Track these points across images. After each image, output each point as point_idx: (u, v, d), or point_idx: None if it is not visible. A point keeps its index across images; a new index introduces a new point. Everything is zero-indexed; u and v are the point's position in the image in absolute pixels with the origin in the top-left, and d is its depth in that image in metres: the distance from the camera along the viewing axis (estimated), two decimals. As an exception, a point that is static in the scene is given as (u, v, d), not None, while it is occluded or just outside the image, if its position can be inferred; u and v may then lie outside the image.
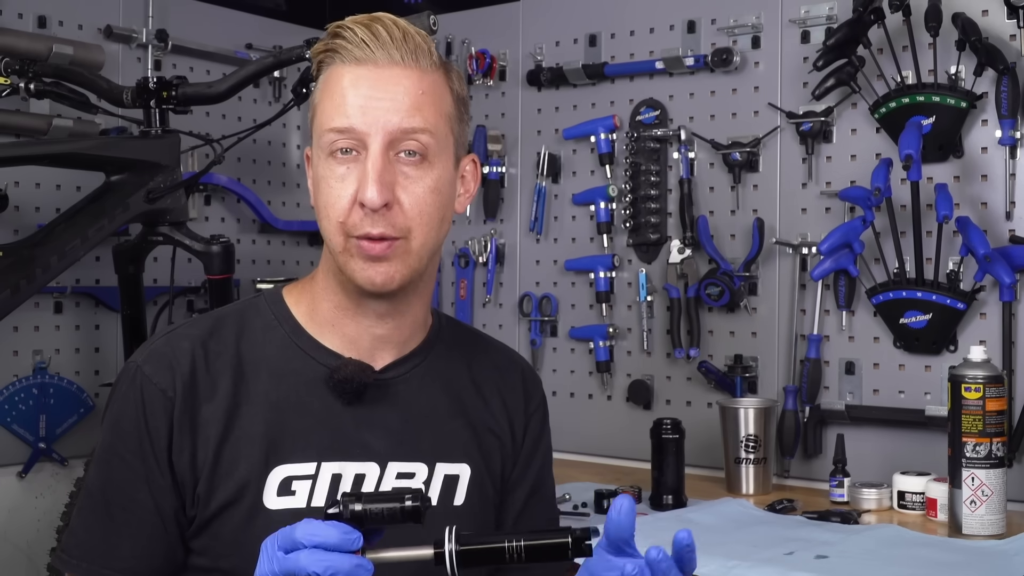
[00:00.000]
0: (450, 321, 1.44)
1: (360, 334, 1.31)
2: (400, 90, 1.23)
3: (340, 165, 1.23)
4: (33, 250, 2.06)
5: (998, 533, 1.79)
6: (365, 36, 1.24)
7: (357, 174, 1.23)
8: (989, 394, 1.79)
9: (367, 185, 1.21)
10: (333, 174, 1.24)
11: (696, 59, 2.43)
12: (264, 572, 1.04)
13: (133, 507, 1.23)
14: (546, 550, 1.05)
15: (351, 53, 1.24)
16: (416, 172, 1.24)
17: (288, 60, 2.20)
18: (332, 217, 1.24)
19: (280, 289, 1.37)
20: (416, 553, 1.06)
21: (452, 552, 1.04)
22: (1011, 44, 2.06)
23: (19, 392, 2.42)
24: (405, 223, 1.24)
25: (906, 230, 2.14)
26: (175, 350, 1.26)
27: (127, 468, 1.23)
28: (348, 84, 1.23)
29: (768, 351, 2.36)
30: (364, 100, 1.23)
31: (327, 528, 1.03)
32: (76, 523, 1.25)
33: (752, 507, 2.03)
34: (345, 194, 1.23)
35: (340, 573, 1.01)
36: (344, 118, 1.23)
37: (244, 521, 1.24)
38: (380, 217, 1.22)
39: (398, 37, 1.24)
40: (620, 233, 2.57)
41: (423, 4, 2.71)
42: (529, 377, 1.46)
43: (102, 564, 1.23)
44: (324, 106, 1.25)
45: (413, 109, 1.24)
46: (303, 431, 1.27)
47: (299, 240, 2.97)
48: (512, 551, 1.05)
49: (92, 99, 2.28)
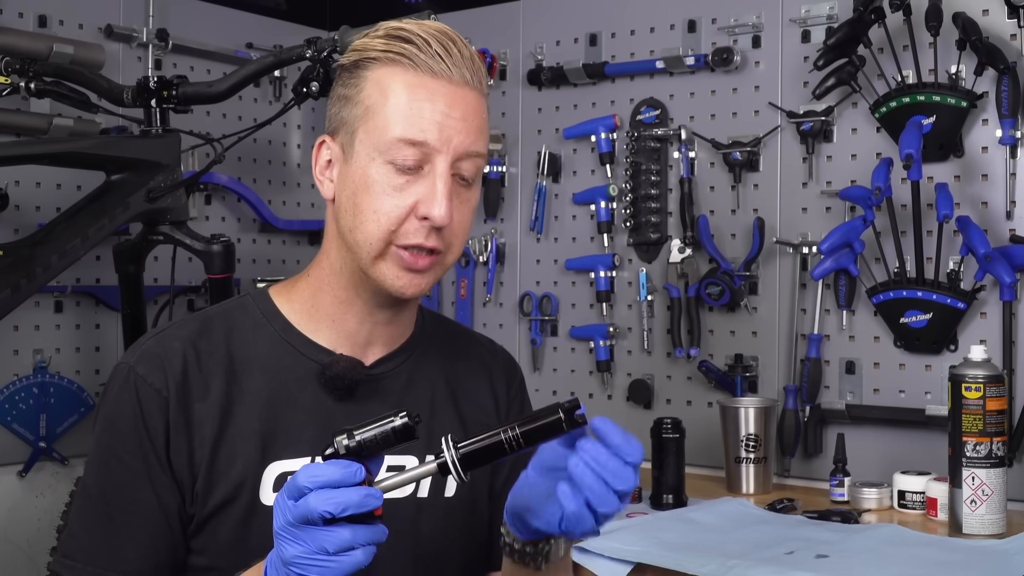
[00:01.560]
0: (432, 316, 1.46)
1: (359, 328, 1.32)
2: (471, 111, 1.24)
3: (400, 175, 1.23)
4: (33, 249, 2.06)
5: (998, 533, 1.79)
6: (440, 50, 1.23)
7: (421, 188, 1.22)
8: (989, 393, 1.79)
9: (436, 202, 1.21)
10: (391, 182, 1.23)
11: (696, 58, 2.43)
12: (279, 524, 1.04)
13: (134, 507, 1.23)
14: (542, 430, 1.08)
15: (426, 63, 1.23)
16: (465, 193, 1.26)
17: (288, 60, 2.21)
18: (382, 224, 1.23)
19: (266, 289, 1.37)
20: (421, 470, 1.08)
21: (454, 459, 1.07)
22: (1011, 44, 2.06)
23: (19, 391, 2.42)
24: (450, 240, 1.26)
25: (906, 230, 2.14)
26: (166, 350, 1.27)
27: (126, 469, 1.23)
28: (425, 96, 1.22)
29: (768, 351, 2.36)
30: (441, 117, 1.22)
31: (327, 467, 1.03)
32: (76, 526, 1.25)
33: (752, 506, 2.03)
34: (403, 204, 1.22)
35: (351, 507, 1.01)
36: (419, 132, 1.22)
37: (242, 519, 1.24)
38: (436, 233, 1.23)
39: (467, 56, 1.25)
40: (620, 232, 2.57)
41: (424, 4, 2.71)
42: (509, 363, 1.50)
43: (106, 567, 1.22)
44: (390, 110, 1.23)
45: (478, 132, 1.25)
46: (296, 427, 1.28)
47: (299, 239, 2.97)
48: (510, 441, 1.07)
49: (92, 98, 2.28)
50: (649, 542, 1.72)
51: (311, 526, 1.02)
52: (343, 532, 1.01)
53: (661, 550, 1.67)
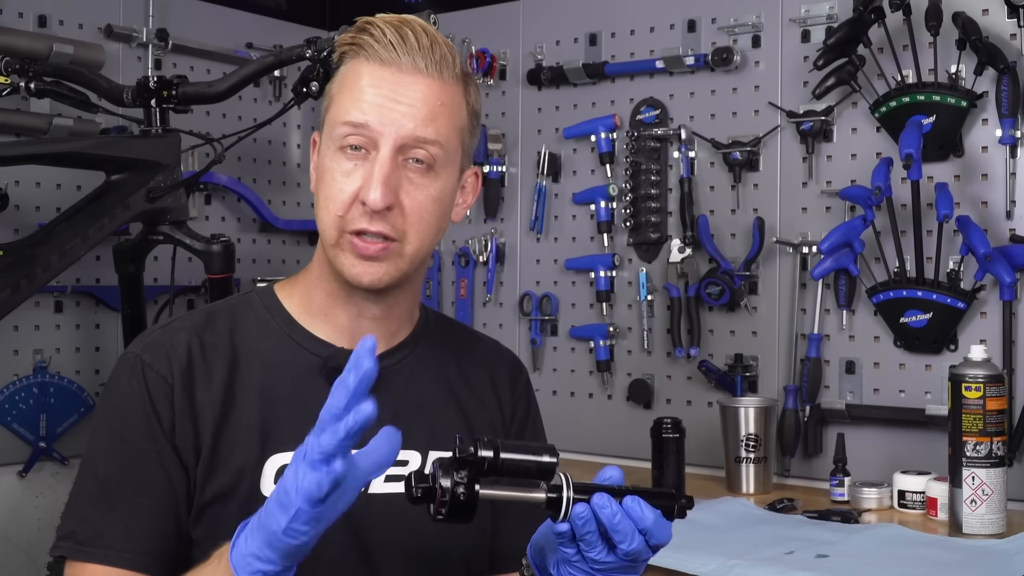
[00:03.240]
0: (437, 315, 1.47)
1: (350, 323, 1.33)
2: (419, 98, 1.25)
3: (348, 160, 1.25)
4: (33, 249, 2.06)
5: (998, 532, 1.79)
6: (393, 38, 1.25)
7: (363, 172, 1.24)
8: (989, 393, 1.79)
9: (371, 186, 1.23)
10: (339, 168, 1.25)
11: (696, 58, 2.43)
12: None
13: (148, 488, 1.23)
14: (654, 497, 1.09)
15: (376, 52, 1.25)
16: (421, 180, 1.26)
17: (288, 59, 2.21)
18: (331, 210, 1.25)
19: (271, 285, 1.39)
20: (529, 495, 1.06)
21: (568, 500, 1.06)
22: (1011, 43, 2.06)
23: (19, 391, 2.42)
24: (403, 227, 1.26)
25: (906, 229, 2.14)
26: (172, 340, 1.28)
27: (138, 452, 1.23)
28: (369, 82, 1.25)
29: (768, 350, 2.36)
30: (382, 100, 1.24)
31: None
32: (89, 513, 1.24)
33: (752, 506, 2.03)
34: (348, 189, 1.24)
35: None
36: (360, 114, 1.24)
37: (241, 510, 1.24)
38: (380, 217, 1.24)
39: (425, 45, 1.25)
40: (620, 232, 2.57)
41: (423, 3, 2.71)
42: (514, 364, 1.50)
43: (121, 548, 1.22)
44: (341, 98, 1.26)
45: (428, 119, 1.25)
46: (298, 420, 1.28)
47: (299, 239, 2.97)
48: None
49: (92, 98, 2.28)
50: (649, 542, 1.72)
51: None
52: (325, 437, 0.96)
53: (661, 550, 1.67)
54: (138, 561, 1.22)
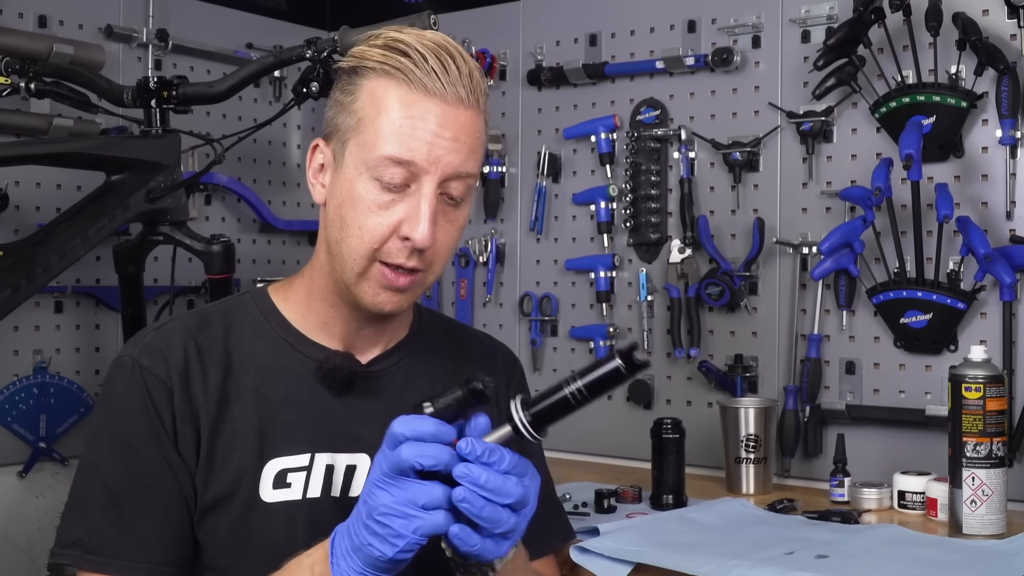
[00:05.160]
0: (429, 313, 1.47)
1: (348, 334, 1.33)
2: (464, 132, 1.22)
3: (387, 193, 1.22)
4: (33, 250, 2.06)
5: (998, 533, 1.79)
6: (436, 66, 1.21)
7: (405, 207, 1.22)
8: (989, 394, 1.79)
9: (419, 223, 1.21)
10: (377, 199, 1.22)
11: (696, 59, 2.43)
12: (375, 476, 1.06)
13: (157, 494, 1.22)
14: (605, 379, 1.09)
15: (420, 81, 1.21)
16: (453, 212, 1.26)
17: (288, 60, 2.20)
18: (365, 241, 1.23)
19: (265, 288, 1.38)
20: (498, 434, 1.10)
21: (523, 421, 1.10)
22: (1011, 44, 2.06)
23: (19, 392, 2.42)
24: (432, 258, 1.25)
25: (906, 230, 2.14)
26: (168, 343, 1.27)
27: (143, 458, 1.23)
28: (417, 115, 1.21)
29: (768, 351, 2.36)
30: (431, 136, 1.20)
31: (424, 420, 1.06)
32: (97, 521, 1.22)
33: (752, 507, 2.03)
34: (387, 222, 1.22)
35: (441, 464, 1.04)
36: (407, 151, 1.20)
37: (241, 515, 1.24)
38: (418, 253, 1.23)
39: (466, 74, 1.22)
40: (620, 233, 2.57)
41: (424, 4, 2.71)
42: (508, 358, 1.51)
43: (135, 558, 1.21)
44: (379, 125, 1.22)
45: (470, 152, 1.23)
46: (295, 424, 1.28)
47: (299, 240, 2.97)
48: (575, 395, 1.10)
49: (92, 99, 2.28)
50: (649, 542, 1.72)
51: (405, 477, 1.04)
52: (435, 488, 1.04)
53: (661, 550, 1.67)
54: (155, 570, 1.21)
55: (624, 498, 2.07)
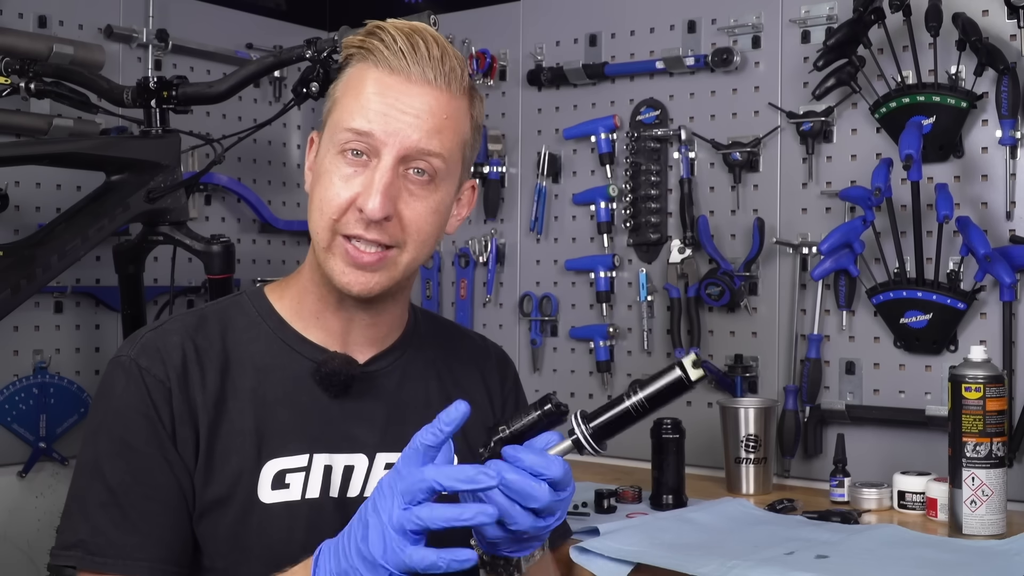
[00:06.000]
0: (425, 314, 1.47)
1: (341, 327, 1.33)
2: (426, 109, 1.24)
3: (348, 166, 1.24)
4: (33, 250, 2.06)
5: (998, 533, 1.79)
6: (404, 46, 1.24)
7: (363, 179, 1.23)
8: (989, 394, 1.79)
9: (371, 194, 1.22)
10: (338, 172, 1.24)
11: (696, 59, 2.43)
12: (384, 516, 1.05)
13: (158, 493, 1.22)
14: (666, 391, 1.12)
15: (385, 59, 1.24)
16: (421, 191, 1.26)
17: (288, 60, 2.21)
18: (325, 213, 1.25)
19: (262, 288, 1.38)
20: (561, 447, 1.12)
21: (585, 435, 1.12)
22: (1011, 44, 2.06)
23: (19, 392, 2.42)
24: (400, 236, 1.26)
25: (906, 230, 2.14)
26: (165, 343, 1.27)
27: (143, 457, 1.23)
28: (376, 89, 1.24)
29: (768, 351, 2.36)
30: (388, 109, 1.23)
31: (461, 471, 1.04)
32: (99, 521, 1.22)
33: (752, 507, 2.03)
34: (345, 194, 1.24)
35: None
36: (365, 121, 1.23)
37: (239, 516, 1.24)
38: (376, 227, 1.23)
39: (436, 55, 1.25)
40: (620, 233, 2.57)
41: (423, 4, 2.71)
42: (502, 359, 1.52)
43: (138, 557, 1.21)
44: (346, 102, 1.26)
45: (433, 131, 1.24)
46: (293, 424, 1.28)
47: (299, 240, 2.97)
48: (636, 407, 1.12)
49: (92, 99, 2.28)
50: (649, 542, 1.72)
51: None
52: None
53: (661, 550, 1.67)
54: (157, 568, 1.21)
55: (624, 498, 2.07)
